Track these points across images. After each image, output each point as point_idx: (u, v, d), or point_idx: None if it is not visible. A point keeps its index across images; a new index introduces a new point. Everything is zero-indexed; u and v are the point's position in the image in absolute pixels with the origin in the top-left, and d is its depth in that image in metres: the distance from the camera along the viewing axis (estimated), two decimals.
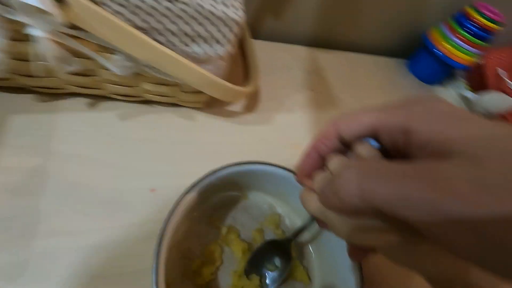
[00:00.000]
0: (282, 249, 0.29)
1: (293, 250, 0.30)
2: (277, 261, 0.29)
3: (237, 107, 0.42)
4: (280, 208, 0.33)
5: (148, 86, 0.32)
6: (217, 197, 0.31)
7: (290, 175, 0.29)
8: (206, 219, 0.30)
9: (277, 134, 0.41)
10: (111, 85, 0.32)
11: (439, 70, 0.60)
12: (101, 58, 0.27)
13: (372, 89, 0.55)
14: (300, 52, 0.56)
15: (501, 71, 0.52)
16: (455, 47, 0.55)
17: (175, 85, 0.33)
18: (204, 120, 0.39)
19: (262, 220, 0.32)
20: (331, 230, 0.19)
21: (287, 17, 0.55)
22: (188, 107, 0.38)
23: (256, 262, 0.29)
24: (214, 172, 0.27)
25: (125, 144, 0.33)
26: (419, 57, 0.62)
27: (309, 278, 0.30)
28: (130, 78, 0.31)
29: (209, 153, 0.36)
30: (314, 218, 0.26)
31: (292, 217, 0.33)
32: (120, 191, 0.30)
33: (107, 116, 0.35)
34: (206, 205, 0.31)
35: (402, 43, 0.66)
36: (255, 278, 0.28)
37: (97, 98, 0.35)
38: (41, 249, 0.25)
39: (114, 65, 0.28)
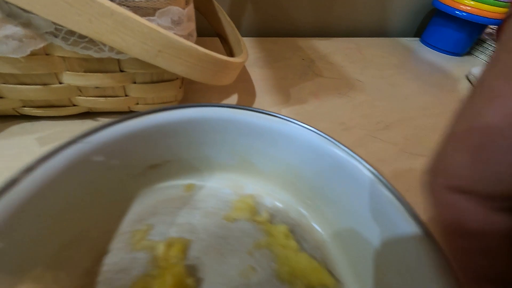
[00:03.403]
0: None
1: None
2: None
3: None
4: (251, 186, 0.21)
5: (73, 79, 0.20)
6: (134, 194, 0.18)
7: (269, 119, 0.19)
8: (124, 237, 0.17)
9: None
10: (8, 86, 0.19)
11: (464, 35, 0.49)
12: None
13: (391, 68, 0.44)
14: (295, 42, 0.46)
15: None
16: (480, 1, 0.45)
17: (119, 70, 0.21)
18: None
19: (226, 210, 0.19)
20: None
21: (270, 9, 0.46)
22: None
23: None
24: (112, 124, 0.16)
25: None
26: (435, 28, 0.52)
27: (336, 278, 0.17)
28: (35, 64, 0.18)
29: None
30: None
31: (273, 192, 0.21)
32: None
33: (25, 142, 0.22)
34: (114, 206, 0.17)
35: (410, 21, 0.57)
36: None
37: (1, 119, 0.23)
38: None
39: None
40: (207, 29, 0.34)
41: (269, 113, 0.19)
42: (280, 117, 0.19)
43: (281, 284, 0.16)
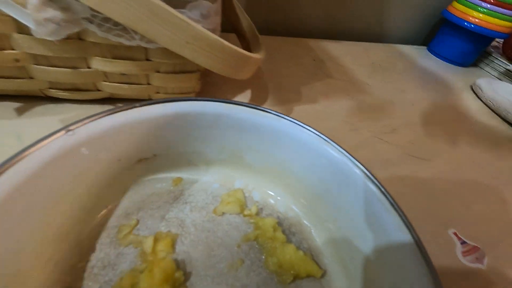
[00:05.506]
0: None
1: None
2: None
3: (240, 98, 0.30)
4: (241, 180, 0.21)
5: (101, 64, 0.21)
6: (122, 187, 0.19)
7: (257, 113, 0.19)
8: (111, 232, 0.17)
9: None
10: (39, 67, 0.20)
11: (471, 47, 0.50)
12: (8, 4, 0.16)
13: (399, 74, 0.45)
14: (307, 43, 0.47)
15: None
16: (488, 14, 0.46)
17: (145, 58, 0.22)
18: None
19: (215, 204, 0.20)
20: None
21: (284, 10, 0.47)
22: None
23: None
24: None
25: None
26: (443, 37, 0.53)
27: (322, 269, 0.17)
28: (68, 47, 0.19)
29: None
30: None
31: (263, 187, 0.21)
32: None
33: (47, 122, 0.23)
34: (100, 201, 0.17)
35: (418, 29, 0.58)
36: None
37: (27, 99, 0.23)
38: None
39: (32, 18, 0.17)
40: (223, 25, 0.35)
41: (263, 108, 0.19)
42: (273, 113, 0.19)
43: (269, 275, 0.17)
